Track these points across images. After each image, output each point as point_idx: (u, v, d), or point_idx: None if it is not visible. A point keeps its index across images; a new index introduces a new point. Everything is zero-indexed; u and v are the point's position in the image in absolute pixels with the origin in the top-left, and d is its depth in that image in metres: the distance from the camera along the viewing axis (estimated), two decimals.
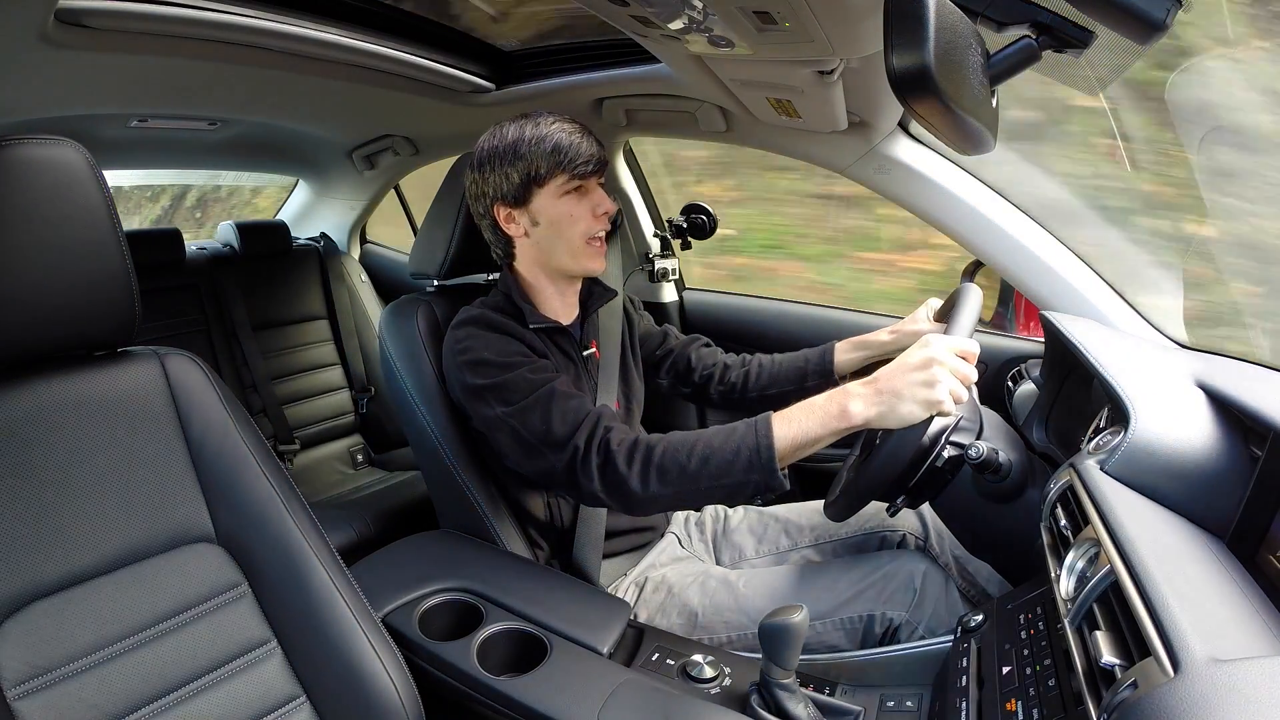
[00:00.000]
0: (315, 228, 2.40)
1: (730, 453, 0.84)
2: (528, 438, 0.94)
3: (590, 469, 0.90)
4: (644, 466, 0.88)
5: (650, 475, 0.87)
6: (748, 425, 0.86)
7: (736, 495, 0.86)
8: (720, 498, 0.88)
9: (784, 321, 1.64)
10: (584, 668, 0.83)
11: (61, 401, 0.74)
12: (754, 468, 0.83)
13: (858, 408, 0.81)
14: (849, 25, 0.80)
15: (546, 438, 0.93)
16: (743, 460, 0.84)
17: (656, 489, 0.87)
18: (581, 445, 0.91)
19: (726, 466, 0.84)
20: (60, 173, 0.70)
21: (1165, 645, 0.47)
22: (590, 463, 0.90)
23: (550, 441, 0.93)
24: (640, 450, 0.89)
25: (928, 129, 0.65)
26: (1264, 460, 0.66)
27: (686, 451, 0.86)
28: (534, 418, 0.94)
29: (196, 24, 1.02)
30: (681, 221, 1.72)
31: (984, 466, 0.90)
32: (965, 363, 0.80)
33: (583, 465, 0.91)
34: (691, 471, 0.85)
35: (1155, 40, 0.57)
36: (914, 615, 0.95)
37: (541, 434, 0.93)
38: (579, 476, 0.91)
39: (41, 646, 0.67)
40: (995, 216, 1.18)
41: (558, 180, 1.02)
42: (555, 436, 0.93)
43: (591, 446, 0.91)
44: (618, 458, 0.89)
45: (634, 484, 0.88)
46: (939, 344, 0.79)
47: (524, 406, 0.95)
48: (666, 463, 0.87)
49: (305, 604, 0.79)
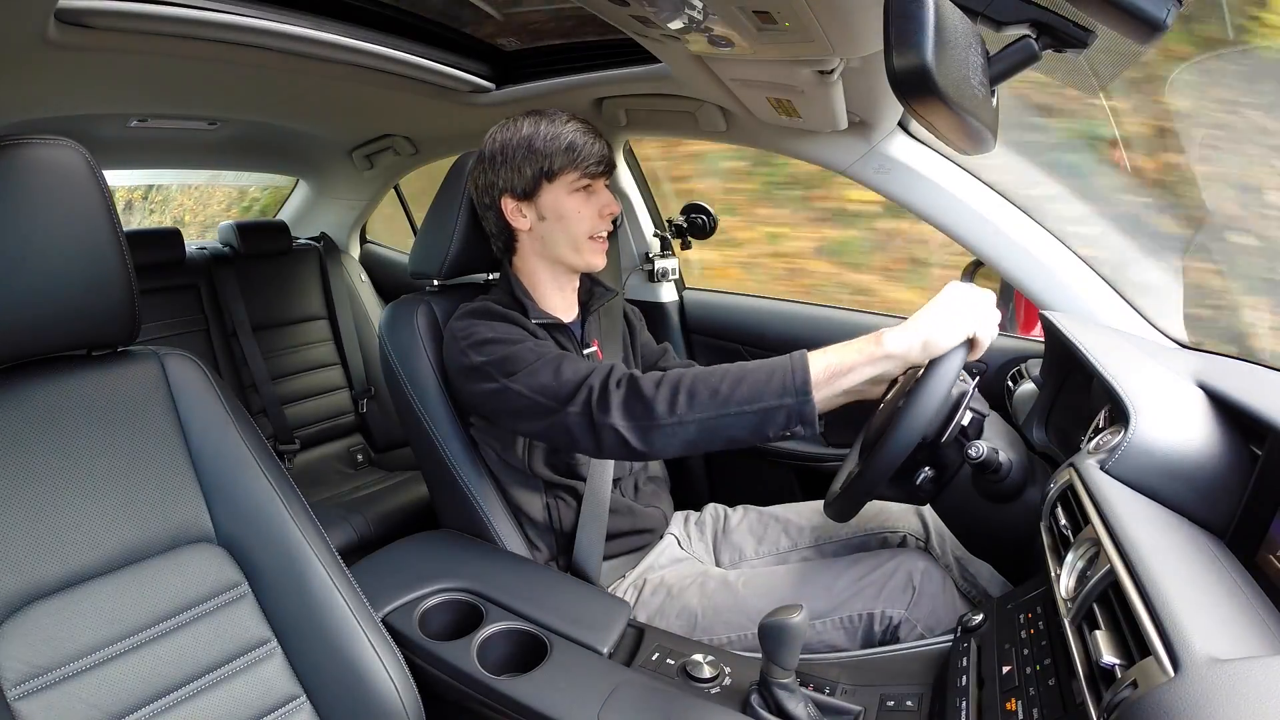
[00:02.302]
0: (315, 228, 2.40)
1: (763, 377, 0.84)
2: (537, 397, 0.93)
3: (609, 401, 0.88)
4: (672, 390, 0.86)
5: (679, 398, 0.85)
6: (780, 357, 0.86)
7: (767, 424, 0.84)
8: (749, 428, 0.84)
9: (784, 321, 1.63)
10: (584, 668, 0.84)
11: (61, 402, 0.74)
12: (787, 391, 0.82)
13: (893, 337, 0.83)
14: (849, 25, 0.80)
15: (558, 390, 0.92)
16: (775, 384, 0.83)
17: (684, 412, 0.85)
18: (597, 385, 0.90)
19: (759, 389, 0.83)
20: (60, 173, 0.70)
21: (1165, 645, 0.47)
22: (609, 395, 0.88)
23: (561, 391, 0.91)
24: (668, 378, 0.88)
25: (928, 129, 0.65)
26: (1264, 460, 0.66)
27: (719, 377, 0.86)
28: (542, 375, 0.93)
29: (196, 24, 1.02)
30: (681, 221, 1.72)
31: (984, 466, 0.90)
32: (990, 305, 0.83)
33: (600, 401, 0.88)
34: (723, 394, 0.84)
35: (1155, 40, 0.57)
36: (912, 613, 0.95)
37: (552, 388, 0.92)
38: (595, 413, 0.89)
39: (42, 646, 0.67)
40: (995, 216, 1.18)
41: (569, 177, 1.03)
42: (566, 384, 0.91)
43: (609, 382, 0.89)
44: (643, 384, 0.88)
45: (660, 407, 0.85)
46: (962, 287, 0.83)
47: (531, 369, 0.94)
48: (697, 386, 0.85)
49: (305, 604, 0.79)
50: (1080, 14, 0.61)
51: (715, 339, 1.74)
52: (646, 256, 1.76)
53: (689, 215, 1.71)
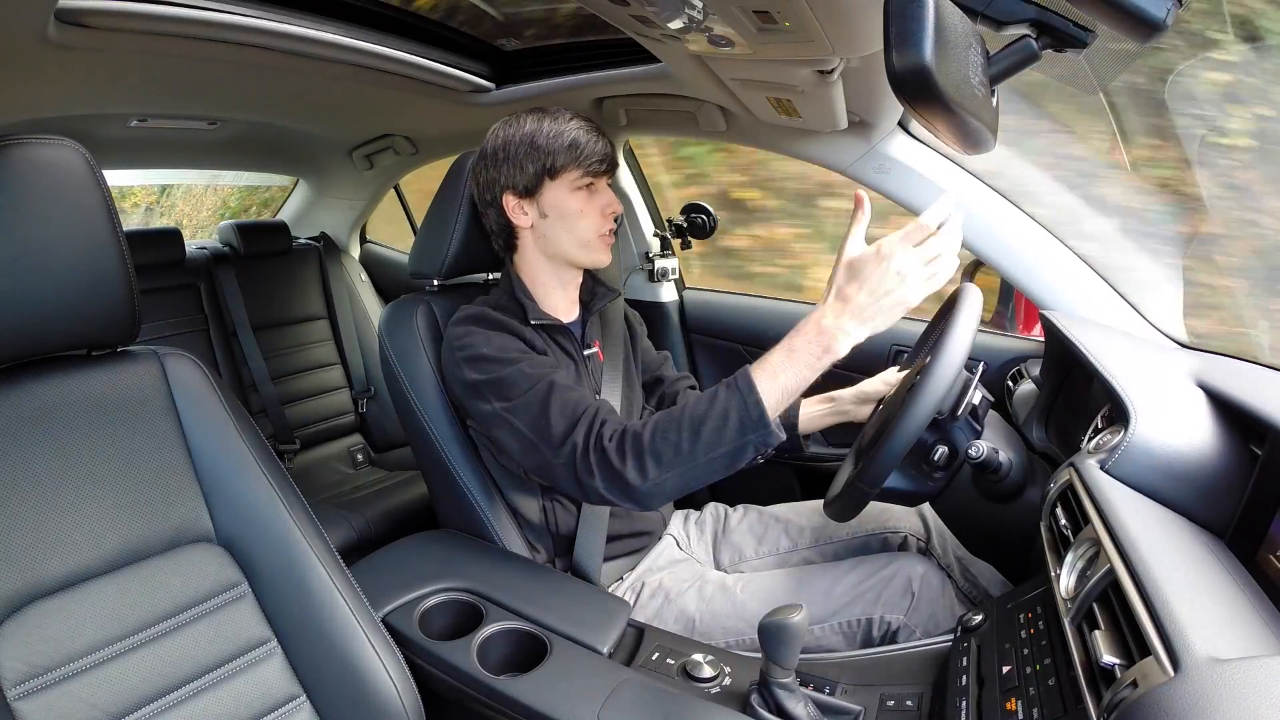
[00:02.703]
0: (315, 228, 2.40)
1: (719, 419, 0.83)
2: (526, 433, 0.94)
3: (591, 466, 0.89)
4: (637, 457, 0.87)
5: (646, 464, 0.86)
6: (728, 387, 0.85)
7: (737, 460, 0.85)
8: (723, 467, 0.86)
9: (784, 321, 1.62)
10: (584, 667, 0.83)
11: (61, 402, 0.74)
12: (747, 428, 0.82)
13: (842, 343, 0.80)
14: (849, 25, 0.80)
15: (545, 434, 0.93)
16: (734, 423, 0.83)
17: (655, 476, 0.86)
18: (580, 443, 0.90)
19: (718, 434, 0.83)
20: (60, 173, 0.70)
21: (1165, 644, 0.47)
22: (590, 460, 0.89)
23: (548, 438, 0.92)
24: (629, 440, 0.88)
25: (928, 129, 0.64)
26: (1264, 460, 0.66)
27: (675, 429, 0.85)
28: (532, 413, 0.94)
29: (196, 24, 1.02)
30: (681, 221, 1.72)
31: (984, 466, 0.90)
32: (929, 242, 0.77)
33: (583, 463, 0.90)
34: (685, 449, 0.84)
35: (1155, 39, 0.57)
36: (911, 618, 0.95)
37: (540, 430, 0.93)
38: (580, 475, 0.90)
39: (41, 646, 0.67)
40: (995, 217, 1.18)
41: (571, 175, 1.03)
42: (553, 433, 0.92)
43: (589, 443, 0.90)
44: (610, 454, 0.88)
45: (632, 477, 0.86)
46: (887, 241, 0.78)
47: (522, 402, 0.94)
48: (659, 446, 0.86)
49: (305, 604, 0.79)
50: (1080, 14, 0.61)
51: (715, 339, 1.74)
52: (646, 256, 1.76)
53: (689, 215, 1.71)
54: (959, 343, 0.80)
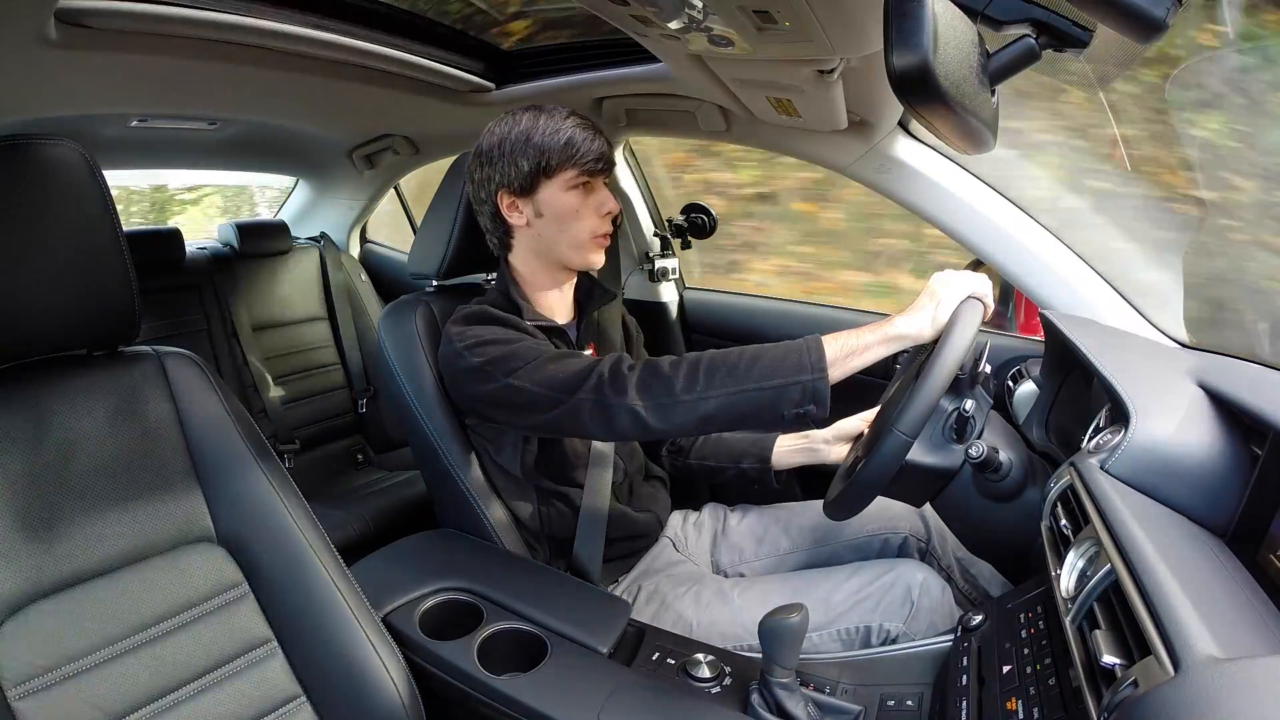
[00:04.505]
0: (315, 228, 2.40)
1: (779, 354, 0.86)
2: (541, 390, 0.92)
3: (624, 382, 0.88)
4: (691, 366, 0.88)
5: (698, 374, 0.87)
6: (796, 340, 0.88)
7: (782, 401, 0.85)
8: (765, 404, 0.85)
9: (784, 321, 1.64)
10: (584, 668, 0.83)
11: (61, 402, 0.74)
12: (804, 368, 0.84)
13: (903, 319, 0.88)
14: (849, 25, 0.80)
15: (566, 381, 0.91)
16: (791, 361, 0.85)
17: (702, 388, 0.86)
18: (607, 369, 0.90)
19: (775, 366, 0.85)
20: (60, 173, 0.70)
21: (1165, 644, 0.47)
22: (623, 377, 0.89)
23: (570, 382, 0.91)
24: (686, 357, 0.90)
25: (928, 128, 0.64)
26: (1264, 459, 0.66)
27: (736, 355, 0.88)
28: (547, 369, 0.93)
29: (196, 24, 1.02)
30: (682, 221, 1.72)
31: (984, 466, 0.90)
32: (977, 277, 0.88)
33: (613, 382, 0.89)
34: (740, 372, 0.86)
35: (1156, 39, 0.57)
36: (910, 626, 0.95)
37: (559, 380, 0.92)
38: (609, 395, 0.88)
39: (42, 646, 0.67)
40: (995, 216, 1.18)
41: (567, 174, 1.02)
42: (573, 374, 0.91)
43: (620, 365, 0.90)
44: (660, 362, 0.89)
45: (679, 383, 0.86)
46: (947, 273, 0.89)
47: (534, 365, 0.94)
48: (715, 363, 0.87)
49: (306, 604, 0.79)
50: (1080, 14, 0.61)
51: (715, 339, 1.74)
52: (647, 256, 1.76)
53: (689, 215, 1.71)
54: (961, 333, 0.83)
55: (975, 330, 0.83)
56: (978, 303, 0.86)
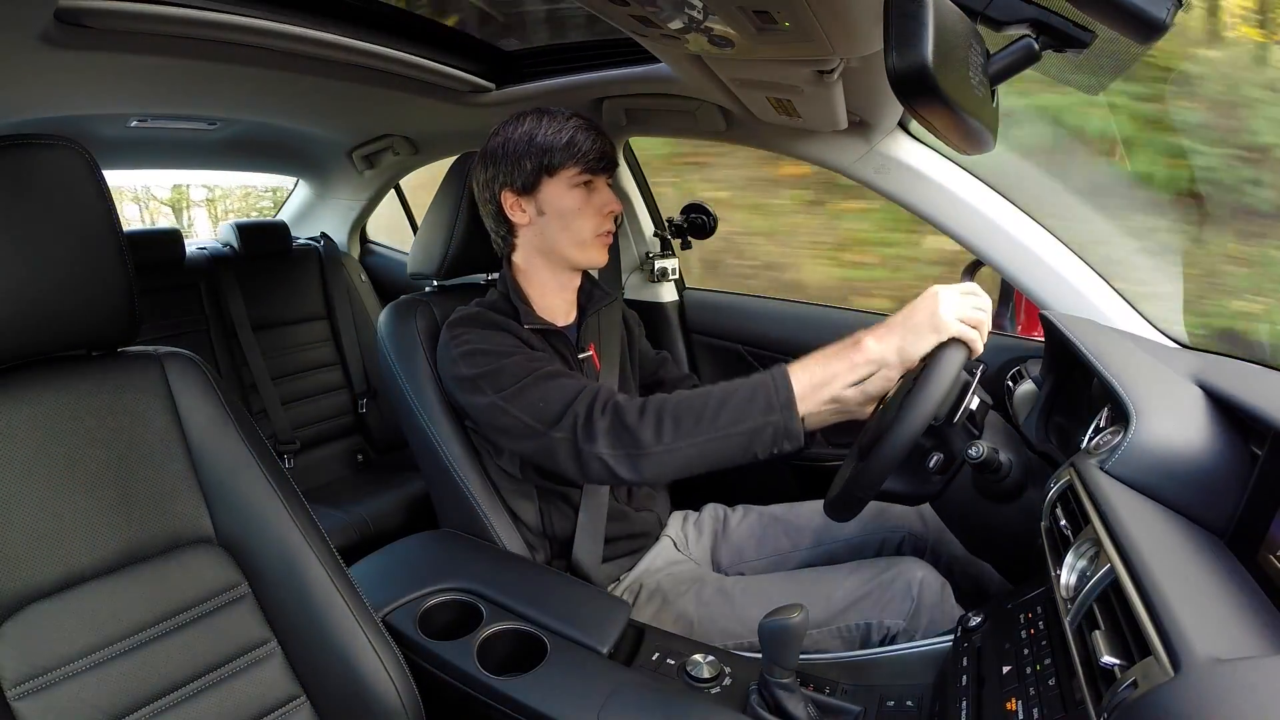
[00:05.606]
0: (315, 228, 2.40)
1: (746, 396, 0.85)
2: (523, 417, 0.93)
3: (594, 429, 0.88)
4: (656, 418, 0.86)
5: (664, 425, 0.86)
6: (761, 373, 0.86)
7: (754, 443, 0.84)
8: (738, 448, 0.85)
9: (784, 321, 1.63)
10: (584, 668, 0.83)
11: (61, 402, 0.74)
12: (772, 408, 0.83)
13: (872, 342, 0.85)
14: (849, 25, 0.80)
15: (543, 414, 0.92)
16: (759, 403, 0.83)
17: (670, 440, 0.85)
18: (581, 412, 0.90)
19: (743, 409, 0.84)
20: (60, 173, 0.70)
21: (1165, 645, 0.47)
22: (594, 424, 0.88)
23: (547, 416, 0.92)
24: (651, 405, 0.88)
25: (928, 129, 0.64)
26: (1264, 460, 0.66)
27: (701, 399, 0.86)
28: (529, 396, 0.93)
29: (196, 24, 1.02)
30: (682, 221, 1.72)
31: (984, 466, 0.90)
32: (975, 298, 0.84)
33: (585, 428, 0.89)
34: (708, 418, 0.84)
35: (1156, 40, 0.57)
36: (911, 624, 0.95)
37: (538, 410, 0.92)
38: (580, 441, 0.89)
39: (41, 647, 0.67)
40: (995, 216, 1.18)
41: (569, 172, 1.03)
42: (552, 410, 0.91)
43: (594, 410, 0.89)
44: (626, 414, 0.88)
45: (646, 435, 0.86)
46: (943, 289, 0.85)
47: (519, 388, 0.94)
48: (681, 412, 0.86)
49: (305, 604, 0.79)
50: (1080, 14, 0.61)
51: (715, 339, 1.74)
52: (647, 256, 1.76)
53: (689, 215, 1.71)
54: (941, 375, 0.80)
55: (950, 382, 0.80)
56: (960, 347, 0.82)
